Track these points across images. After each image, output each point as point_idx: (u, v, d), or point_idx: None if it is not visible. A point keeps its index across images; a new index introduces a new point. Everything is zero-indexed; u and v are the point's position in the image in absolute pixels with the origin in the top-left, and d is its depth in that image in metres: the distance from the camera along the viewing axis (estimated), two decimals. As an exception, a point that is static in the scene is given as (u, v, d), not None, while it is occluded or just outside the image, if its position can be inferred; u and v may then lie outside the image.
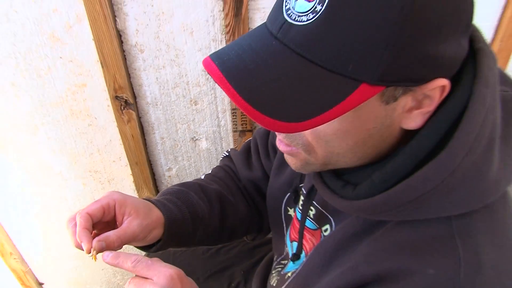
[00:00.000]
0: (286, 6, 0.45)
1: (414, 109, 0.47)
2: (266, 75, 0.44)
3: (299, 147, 0.54)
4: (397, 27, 0.39)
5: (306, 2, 0.42)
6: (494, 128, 0.47)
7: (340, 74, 0.42)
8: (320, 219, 0.68)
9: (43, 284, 1.57)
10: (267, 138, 0.90)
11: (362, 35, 0.40)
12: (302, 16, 0.42)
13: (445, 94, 0.46)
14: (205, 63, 0.47)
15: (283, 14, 0.45)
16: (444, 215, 0.49)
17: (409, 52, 0.41)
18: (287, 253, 0.82)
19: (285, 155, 0.60)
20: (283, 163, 0.82)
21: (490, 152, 0.47)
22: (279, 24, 0.45)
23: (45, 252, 1.47)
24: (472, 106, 0.45)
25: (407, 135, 0.51)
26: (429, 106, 0.46)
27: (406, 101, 0.46)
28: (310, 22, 0.42)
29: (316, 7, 0.41)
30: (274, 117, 0.43)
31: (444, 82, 0.44)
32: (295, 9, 0.43)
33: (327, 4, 0.40)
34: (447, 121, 0.47)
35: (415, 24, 0.39)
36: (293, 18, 0.43)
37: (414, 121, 0.48)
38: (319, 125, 0.43)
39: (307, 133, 0.51)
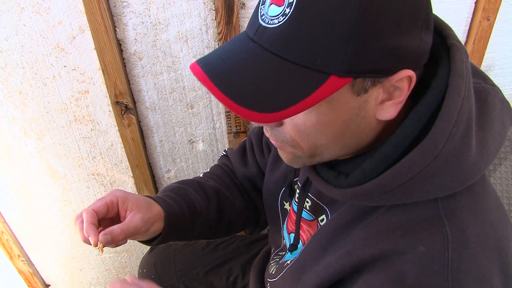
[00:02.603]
0: (261, 12, 0.49)
1: (386, 100, 0.51)
2: (244, 72, 0.48)
3: (286, 144, 0.57)
4: (356, 23, 0.43)
5: (277, 7, 0.47)
6: (470, 115, 0.50)
7: (310, 68, 0.46)
8: (316, 210, 0.71)
9: (49, 285, 1.60)
10: (261, 137, 0.94)
11: (327, 32, 0.44)
12: (274, 19, 0.47)
13: (412, 85, 0.50)
14: (192, 66, 0.51)
15: (258, 19, 0.49)
16: (430, 198, 0.52)
17: (370, 45, 0.44)
18: (285, 245, 0.85)
19: (278, 150, 0.63)
20: (278, 160, 0.85)
21: (468, 137, 0.50)
22: (255, 28, 0.49)
23: (51, 254, 1.51)
24: (449, 96, 0.49)
25: (389, 126, 0.55)
26: (400, 97, 0.50)
27: (378, 93, 0.50)
28: (281, 24, 0.46)
29: (285, 10, 0.45)
30: (251, 108, 0.46)
31: (409, 73, 0.48)
32: (268, 14, 0.48)
33: (294, 7, 0.45)
34: (428, 111, 0.51)
35: (373, 20, 0.43)
36: (267, 22, 0.48)
37: (387, 112, 0.51)
38: (293, 115, 0.47)
39: (290, 129, 0.55)
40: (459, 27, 1.13)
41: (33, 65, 1.06)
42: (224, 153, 1.04)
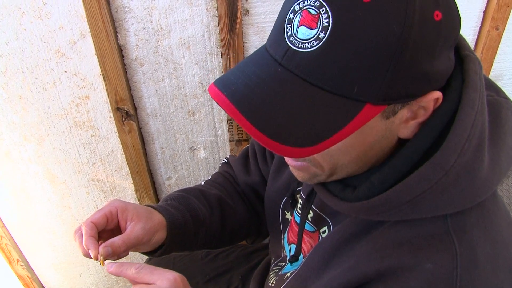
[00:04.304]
0: (287, 32, 0.46)
1: (410, 119, 0.50)
2: (275, 103, 0.45)
3: (307, 162, 0.56)
4: (397, 51, 0.42)
5: (309, 30, 0.44)
6: (483, 129, 0.49)
7: (346, 97, 0.44)
8: (318, 222, 0.70)
9: (48, 290, 1.60)
10: None
11: (365, 59, 0.42)
12: (306, 43, 0.44)
13: (438, 104, 0.49)
14: (213, 93, 0.48)
15: (285, 41, 0.46)
16: (439, 214, 0.51)
17: (408, 72, 0.43)
18: (285, 256, 0.84)
19: (292, 169, 0.62)
20: (281, 168, 0.84)
21: (481, 152, 0.49)
22: (283, 50, 0.46)
23: (50, 259, 1.50)
24: (463, 110, 0.48)
25: (401, 140, 0.54)
26: (424, 116, 0.50)
27: (403, 113, 0.49)
28: (315, 49, 0.43)
29: (319, 35, 0.43)
30: (286, 144, 0.44)
31: (438, 94, 0.47)
32: (298, 36, 0.45)
33: (330, 31, 0.42)
34: (440, 124, 0.50)
35: (413, 47, 0.42)
36: (297, 45, 0.45)
37: (410, 130, 0.51)
38: (329, 147, 0.45)
39: None
40: (467, 36, 1.10)
41: (34, 70, 1.05)
42: (226, 161, 1.02)
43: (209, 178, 0.97)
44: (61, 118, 1.15)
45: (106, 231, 0.67)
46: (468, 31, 1.10)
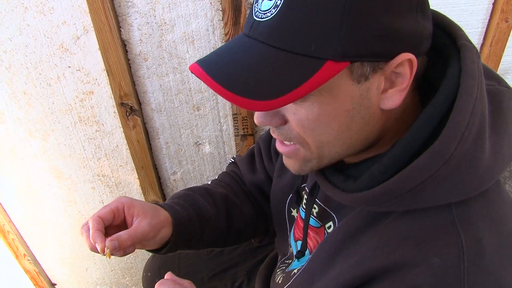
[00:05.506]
0: (255, 9, 0.50)
1: (388, 88, 0.50)
2: (239, 64, 0.49)
3: (295, 141, 0.56)
4: (347, 5, 0.43)
5: (269, 1, 0.47)
6: (483, 117, 0.48)
7: (305, 55, 0.46)
8: (323, 217, 0.70)
9: (55, 284, 1.60)
10: (270, 143, 0.92)
11: (318, 17, 0.44)
12: (267, 12, 0.47)
13: (414, 69, 0.48)
14: (190, 67, 0.52)
15: (252, 16, 0.50)
16: (442, 203, 0.50)
17: (363, 26, 0.44)
18: (291, 253, 0.83)
19: (284, 159, 0.62)
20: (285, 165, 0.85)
21: (481, 140, 0.48)
22: (250, 24, 0.50)
23: (57, 253, 1.51)
24: (461, 97, 0.47)
25: (399, 129, 0.54)
26: (402, 83, 0.49)
27: (380, 81, 0.49)
28: (274, 16, 0.47)
29: (276, 2, 0.46)
30: (249, 97, 0.46)
31: (409, 56, 0.47)
32: (261, 9, 0.49)
33: None
34: (438, 113, 0.49)
35: (363, 1, 0.44)
36: (260, 16, 0.49)
37: (391, 100, 0.50)
38: (292, 101, 0.47)
39: (295, 125, 0.53)
40: (475, 29, 1.08)
41: (37, 65, 1.05)
42: (233, 160, 1.02)
43: (216, 177, 0.98)
44: (65, 113, 1.15)
45: (112, 227, 0.67)
46: (477, 23, 1.08)
